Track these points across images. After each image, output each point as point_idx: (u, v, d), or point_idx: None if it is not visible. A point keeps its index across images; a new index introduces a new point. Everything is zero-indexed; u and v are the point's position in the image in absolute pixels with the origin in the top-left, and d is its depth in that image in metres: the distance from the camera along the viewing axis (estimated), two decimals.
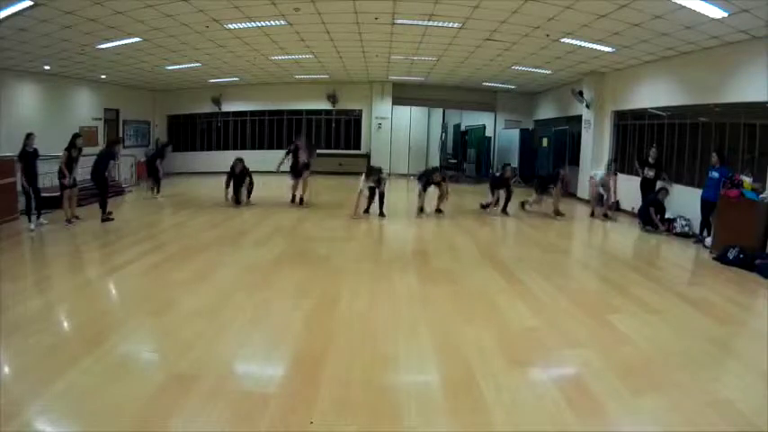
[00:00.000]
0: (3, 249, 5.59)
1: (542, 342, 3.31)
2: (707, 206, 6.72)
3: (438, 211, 8.55)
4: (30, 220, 6.48)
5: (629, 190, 8.84)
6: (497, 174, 9.18)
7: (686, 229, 7.34)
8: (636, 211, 8.48)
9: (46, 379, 2.57)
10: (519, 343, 3.28)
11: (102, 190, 7.61)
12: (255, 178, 9.47)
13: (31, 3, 6.01)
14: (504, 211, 8.68)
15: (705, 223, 6.81)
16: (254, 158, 14.97)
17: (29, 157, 6.71)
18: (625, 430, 2.32)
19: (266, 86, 14.68)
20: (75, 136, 7.29)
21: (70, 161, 7.17)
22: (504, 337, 3.34)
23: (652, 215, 7.54)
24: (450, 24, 7.52)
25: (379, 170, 8.19)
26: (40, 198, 6.95)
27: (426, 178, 8.41)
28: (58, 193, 7.44)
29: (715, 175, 6.63)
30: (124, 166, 11.85)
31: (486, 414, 2.38)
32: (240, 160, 9.01)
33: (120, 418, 2.27)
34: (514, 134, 14.25)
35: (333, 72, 13.00)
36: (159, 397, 2.45)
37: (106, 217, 7.44)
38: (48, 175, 8.72)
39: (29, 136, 6.68)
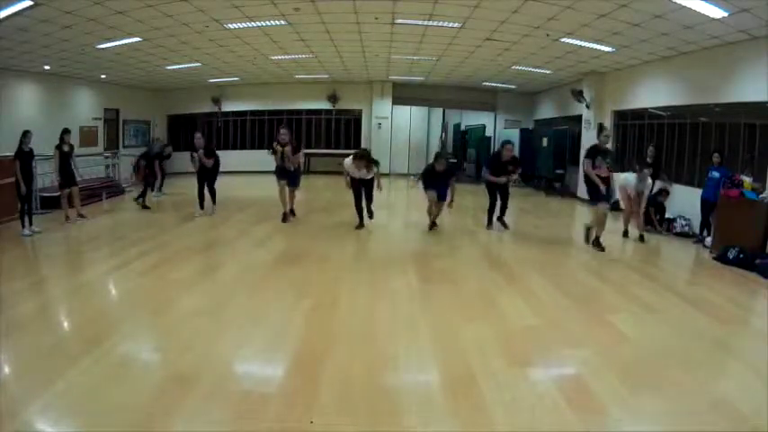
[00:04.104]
0: (3, 249, 5.58)
1: (542, 341, 3.31)
2: (707, 206, 6.72)
3: (433, 224, 7.06)
4: (23, 226, 6.32)
5: None
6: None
7: (686, 229, 7.34)
8: None
9: (46, 379, 2.56)
10: (519, 342, 3.28)
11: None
12: (255, 179, 9.22)
13: (31, 3, 6.01)
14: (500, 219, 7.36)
15: (705, 223, 6.81)
16: (255, 159, 14.89)
17: (25, 156, 6.46)
18: (625, 430, 2.32)
19: (266, 86, 14.67)
20: (63, 132, 7.23)
21: (63, 157, 7.12)
22: (505, 337, 3.34)
23: (651, 215, 7.54)
24: (450, 24, 7.52)
25: (369, 153, 6.82)
26: (31, 202, 6.68)
27: (429, 176, 6.76)
28: (58, 193, 7.46)
29: (715, 174, 6.64)
30: (124, 166, 11.82)
31: (486, 413, 2.38)
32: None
33: (120, 417, 2.27)
34: (514, 134, 14.25)
35: (333, 72, 13.00)
36: (159, 397, 2.45)
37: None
38: (48, 175, 8.74)
39: (26, 134, 6.48)
